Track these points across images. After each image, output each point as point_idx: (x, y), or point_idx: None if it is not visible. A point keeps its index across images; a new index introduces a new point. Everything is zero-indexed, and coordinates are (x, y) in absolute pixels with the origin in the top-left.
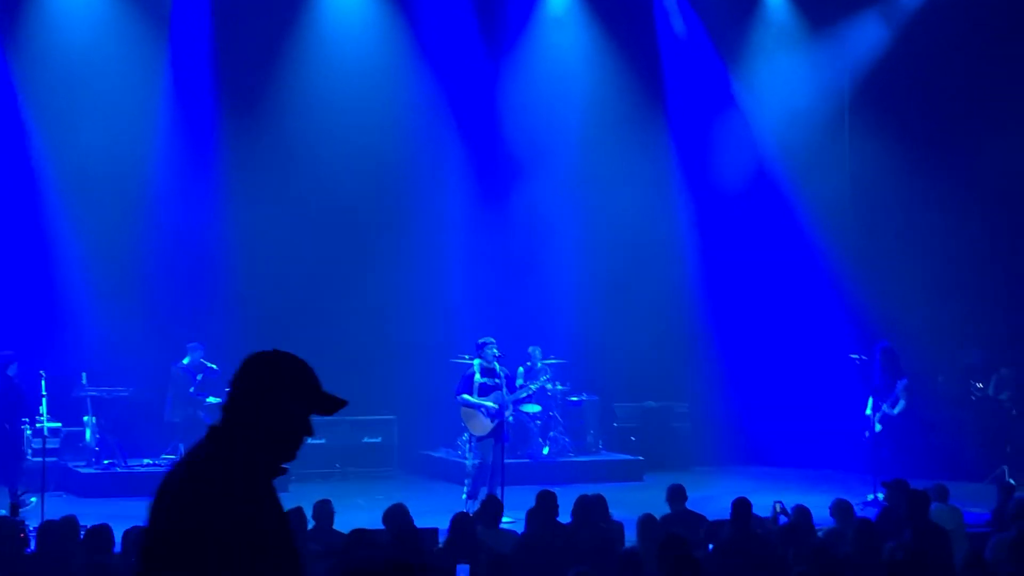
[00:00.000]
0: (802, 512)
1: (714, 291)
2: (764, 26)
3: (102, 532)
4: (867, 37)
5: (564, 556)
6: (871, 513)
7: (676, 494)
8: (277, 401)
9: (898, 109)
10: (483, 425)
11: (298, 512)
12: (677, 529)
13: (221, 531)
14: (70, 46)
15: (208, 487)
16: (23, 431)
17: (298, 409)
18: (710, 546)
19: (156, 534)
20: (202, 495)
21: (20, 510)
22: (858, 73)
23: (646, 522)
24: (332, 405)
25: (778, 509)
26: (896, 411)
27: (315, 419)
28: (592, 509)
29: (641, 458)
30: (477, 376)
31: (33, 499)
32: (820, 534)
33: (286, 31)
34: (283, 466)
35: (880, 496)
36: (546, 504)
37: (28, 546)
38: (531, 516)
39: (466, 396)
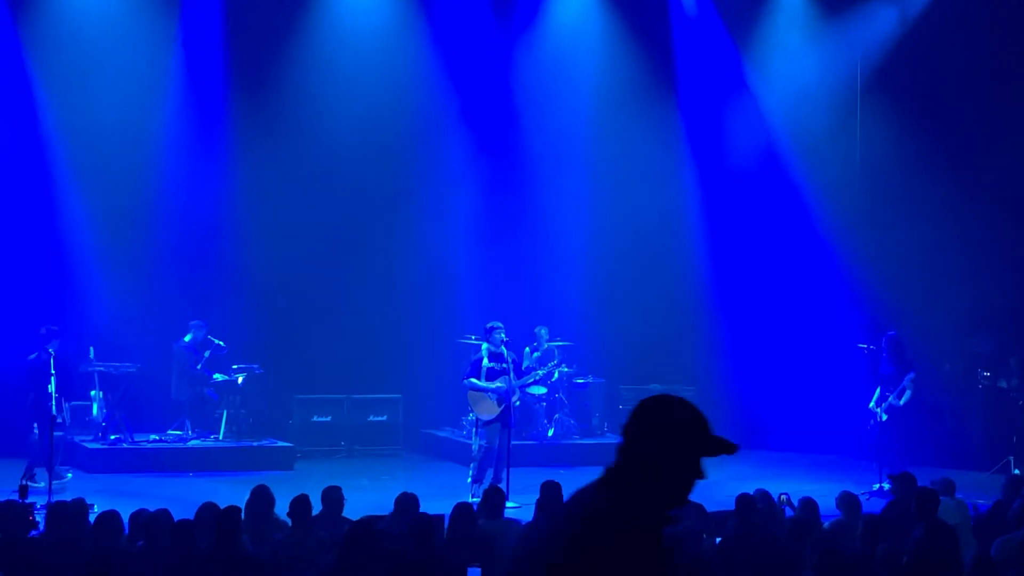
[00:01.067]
0: (809, 506)
1: (722, 274)
2: (776, 7)
3: (111, 518)
4: (881, 21)
5: None
6: (877, 503)
7: None
8: (674, 445)
9: (910, 94)
10: (490, 409)
11: (303, 499)
12: (682, 521)
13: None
14: (82, 21)
15: (606, 535)
16: (63, 407)
17: (692, 452)
18: (716, 539)
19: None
20: (600, 543)
21: (29, 491)
22: (871, 57)
23: None
24: (722, 447)
25: (783, 500)
26: (902, 402)
27: (322, 397)
28: None
29: None
30: (485, 361)
31: (69, 475)
32: (826, 525)
33: (297, 7)
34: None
35: (886, 486)
36: (550, 495)
37: (36, 528)
38: (537, 508)
39: (474, 380)
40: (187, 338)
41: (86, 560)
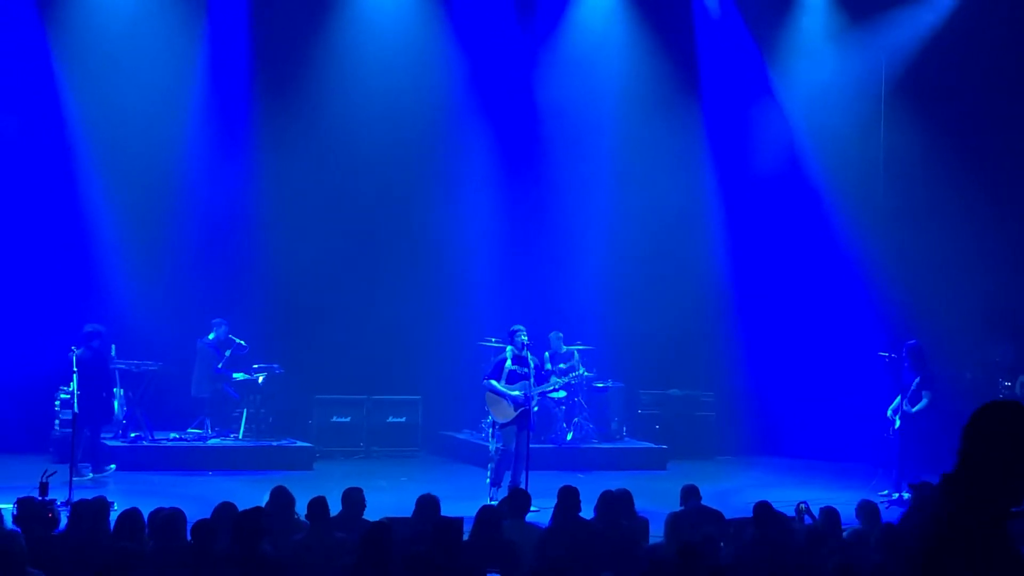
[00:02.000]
0: (830, 515)
1: (743, 278)
2: (800, 10)
3: (131, 517)
4: (905, 25)
5: (588, 554)
6: (896, 512)
7: (689, 494)
8: (1013, 450)
9: (935, 100)
10: (506, 413)
11: (321, 501)
12: (701, 527)
13: None
14: (108, 20)
15: (959, 538)
16: (108, 404)
17: None
18: (733, 547)
19: None
20: (955, 545)
21: (49, 489)
22: (895, 61)
23: (674, 521)
24: None
25: (802, 509)
26: (915, 409)
27: (341, 398)
28: (617, 506)
29: (665, 447)
30: (508, 363)
31: (90, 474)
32: (844, 535)
33: (322, 7)
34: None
35: (905, 495)
36: (568, 500)
37: (57, 526)
38: (556, 513)
39: (493, 382)
40: (211, 336)
41: (105, 559)
